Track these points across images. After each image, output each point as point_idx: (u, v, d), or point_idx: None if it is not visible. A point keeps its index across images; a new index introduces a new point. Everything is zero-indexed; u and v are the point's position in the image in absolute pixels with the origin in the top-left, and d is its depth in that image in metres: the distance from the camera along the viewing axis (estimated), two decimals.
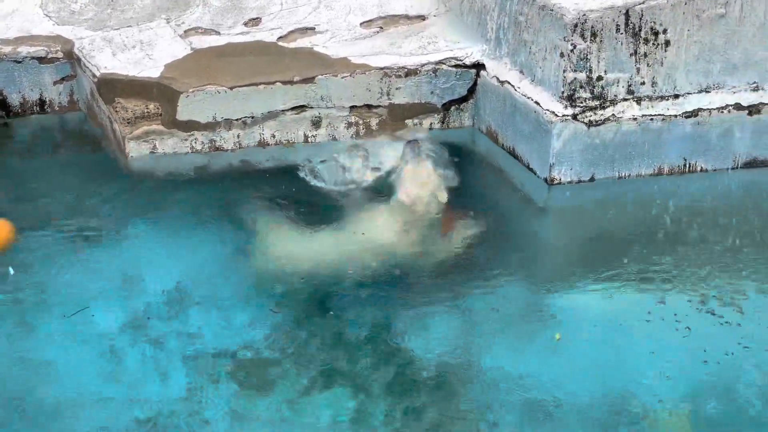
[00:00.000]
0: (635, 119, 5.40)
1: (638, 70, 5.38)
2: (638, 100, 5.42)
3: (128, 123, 5.75)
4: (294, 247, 4.98)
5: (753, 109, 5.50)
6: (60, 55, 6.17)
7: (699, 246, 4.99)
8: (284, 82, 5.79)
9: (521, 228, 5.25)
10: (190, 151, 5.82)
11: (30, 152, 5.97)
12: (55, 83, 6.23)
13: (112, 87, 5.79)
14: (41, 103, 6.26)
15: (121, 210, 5.28)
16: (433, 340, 4.32)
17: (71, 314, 4.46)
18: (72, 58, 6.15)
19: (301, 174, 5.54)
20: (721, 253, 4.92)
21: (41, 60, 6.16)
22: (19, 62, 6.13)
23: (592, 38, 5.28)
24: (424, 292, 4.66)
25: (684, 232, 5.13)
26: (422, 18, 6.33)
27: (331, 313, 4.49)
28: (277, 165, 5.72)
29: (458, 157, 5.67)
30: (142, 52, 6.00)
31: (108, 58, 5.95)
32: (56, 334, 4.38)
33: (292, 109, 5.85)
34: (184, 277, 4.73)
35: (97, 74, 5.83)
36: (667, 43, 5.36)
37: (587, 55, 5.30)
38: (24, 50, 6.15)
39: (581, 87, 5.35)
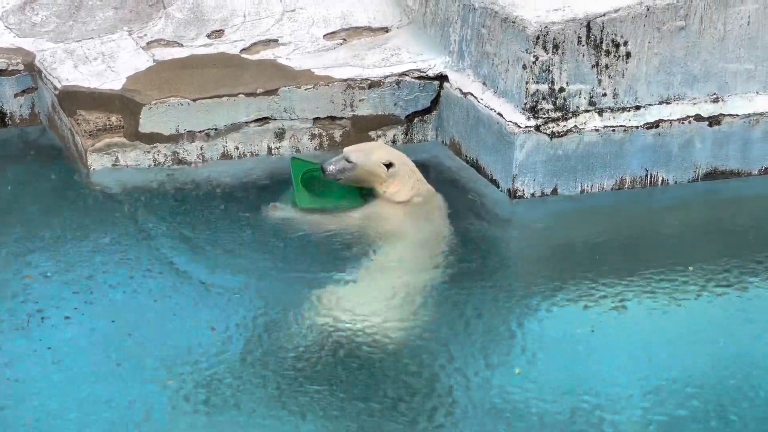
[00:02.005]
0: (597, 130, 5.43)
1: (600, 81, 5.42)
2: (600, 112, 5.46)
3: (90, 135, 5.71)
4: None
5: (713, 120, 5.56)
6: (21, 67, 6.11)
7: (660, 259, 5.02)
8: (247, 94, 5.78)
9: (483, 239, 5.25)
10: (152, 163, 5.79)
11: None
12: (15, 96, 6.17)
13: (73, 99, 5.75)
14: (2, 115, 6.20)
15: (81, 222, 5.23)
16: (393, 355, 4.32)
17: (26, 323, 4.44)
18: (33, 70, 6.09)
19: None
20: (683, 265, 4.96)
21: (1, 72, 6.09)
22: None
23: (554, 50, 5.31)
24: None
25: (647, 245, 5.17)
26: (385, 30, 6.34)
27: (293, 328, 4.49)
28: (241, 177, 5.70)
29: (422, 168, 5.69)
30: (104, 64, 5.97)
31: (69, 71, 5.91)
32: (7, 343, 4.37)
33: (256, 121, 5.83)
34: (144, 289, 4.69)
35: (59, 86, 5.79)
36: (628, 55, 5.41)
37: (549, 67, 5.33)
38: None
39: (543, 98, 5.38)
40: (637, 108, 5.51)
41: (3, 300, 4.62)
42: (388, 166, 5.31)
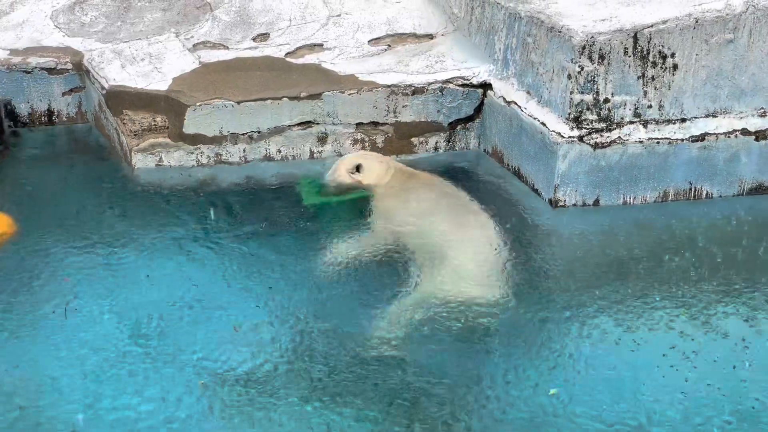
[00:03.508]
0: (641, 142, 5.39)
1: (645, 93, 5.38)
2: (645, 123, 5.42)
3: (135, 135, 5.77)
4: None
5: (760, 135, 5.49)
6: (69, 66, 6.19)
7: (701, 272, 4.96)
8: (291, 98, 5.80)
9: (524, 249, 5.21)
10: (195, 164, 5.84)
11: (37, 162, 5.97)
12: (63, 94, 6.26)
13: (120, 99, 5.81)
14: (49, 113, 6.28)
15: (125, 221, 5.29)
16: (434, 365, 4.30)
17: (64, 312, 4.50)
18: (81, 69, 6.17)
19: None
20: (724, 281, 4.90)
21: (50, 71, 6.18)
22: (29, 72, 6.16)
23: (600, 60, 5.28)
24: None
25: (688, 259, 5.11)
26: (430, 37, 6.35)
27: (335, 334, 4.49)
28: (283, 180, 5.72)
29: (463, 175, 5.69)
30: (151, 65, 6.02)
31: (117, 71, 5.98)
32: (48, 339, 4.41)
33: (299, 124, 5.86)
34: (187, 290, 4.72)
35: (106, 86, 5.86)
36: (675, 67, 5.36)
37: (594, 78, 5.30)
38: (33, 61, 6.18)
39: (588, 109, 5.35)
40: (683, 120, 5.46)
41: (43, 293, 4.68)
42: (358, 168, 5.51)
